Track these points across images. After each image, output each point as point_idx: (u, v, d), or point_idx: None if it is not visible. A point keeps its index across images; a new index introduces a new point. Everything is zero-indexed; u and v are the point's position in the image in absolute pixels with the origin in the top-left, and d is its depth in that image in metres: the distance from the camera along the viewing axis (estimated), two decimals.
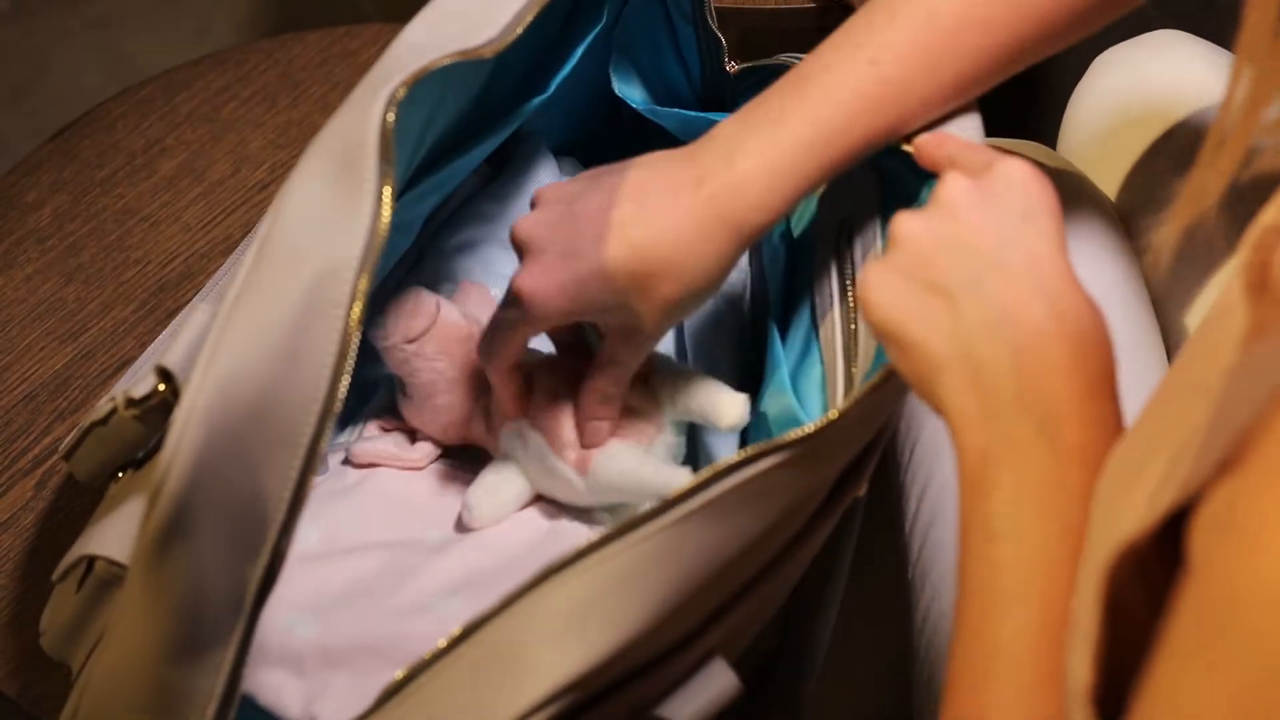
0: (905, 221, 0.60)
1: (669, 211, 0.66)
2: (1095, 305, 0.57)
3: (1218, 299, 0.51)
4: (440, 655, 0.58)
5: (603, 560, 0.58)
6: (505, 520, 0.76)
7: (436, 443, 0.81)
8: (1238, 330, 0.46)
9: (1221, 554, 0.42)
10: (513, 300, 0.69)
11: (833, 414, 0.62)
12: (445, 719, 0.57)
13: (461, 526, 0.76)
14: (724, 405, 0.72)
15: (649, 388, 0.74)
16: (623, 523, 0.58)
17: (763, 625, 0.80)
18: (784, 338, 0.79)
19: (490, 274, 0.90)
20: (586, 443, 0.73)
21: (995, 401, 0.55)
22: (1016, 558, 0.53)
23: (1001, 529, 0.54)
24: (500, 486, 0.75)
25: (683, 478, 0.70)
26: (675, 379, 0.74)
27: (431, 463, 0.81)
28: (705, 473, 0.59)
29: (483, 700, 0.57)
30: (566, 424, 0.74)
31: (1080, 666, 0.47)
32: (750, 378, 0.82)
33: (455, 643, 0.58)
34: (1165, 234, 0.52)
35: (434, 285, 0.83)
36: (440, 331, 0.77)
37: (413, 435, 0.81)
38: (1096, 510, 0.51)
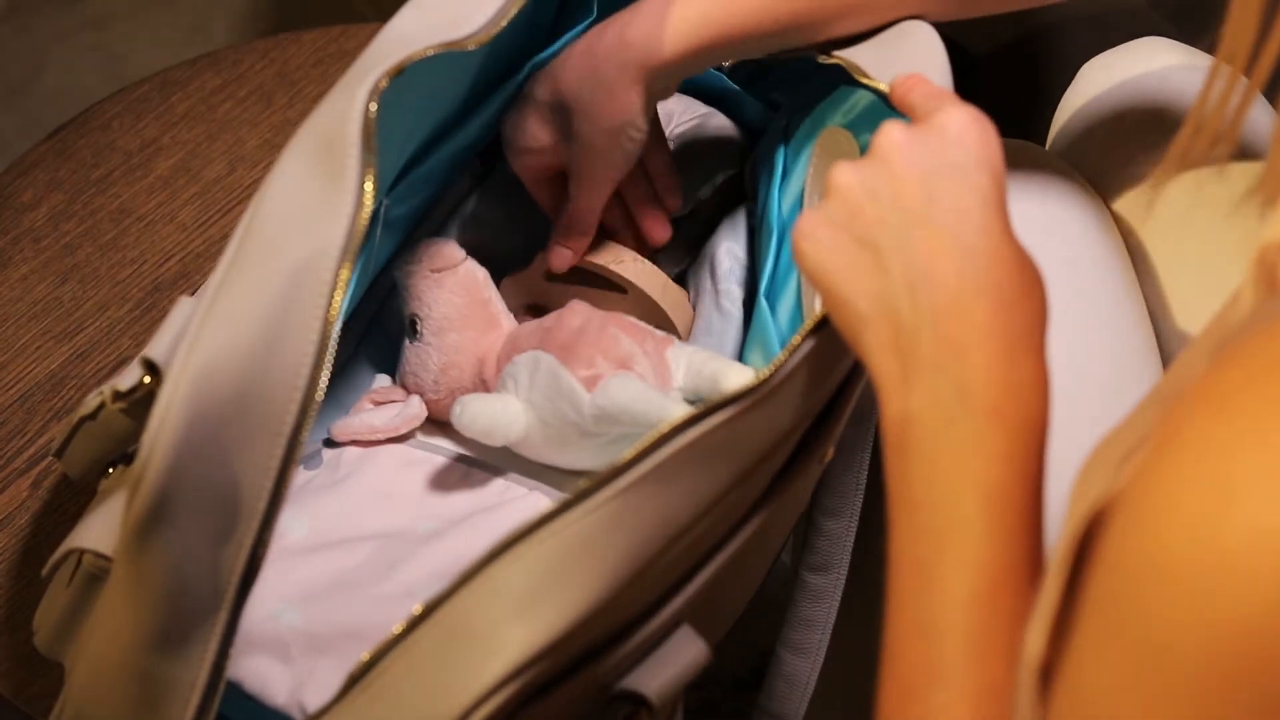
0: (841, 172, 0.60)
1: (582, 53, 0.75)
2: (1028, 263, 0.56)
3: (1221, 309, 0.50)
4: (402, 636, 0.58)
5: (558, 531, 0.57)
6: (500, 508, 0.76)
7: (423, 403, 0.81)
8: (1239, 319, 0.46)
9: (1118, 529, 0.42)
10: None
11: (767, 370, 0.62)
12: (413, 700, 0.57)
13: (453, 517, 0.76)
14: (730, 375, 0.75)
15: (664, 361, 0.77)
16: (576, 491, 0.58)
17: (743, 597, 0.80)
18: (775, 312, 0.79)
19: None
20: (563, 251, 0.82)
21: (914, 363, 0.55)
22: (935, 525, 0.53)
23: (921, 495, 0.54)
24: (493, 398, 0.76)
25: (683, 412, 0.70)
26: (688, 354, 0.77)
27: (414, 431, 0.81)
28: (652, 435, 0.59)
29: (447, 679, 0.56)
30: (582, 343, 0.76)
31: (1036, 637, 0.46)
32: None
33: (416, 623, 0.58)
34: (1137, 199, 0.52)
35: None
36: (464, 272, 0.81)
37: (399, 408, 0.82)
38: (1076, 489, 0.50)
